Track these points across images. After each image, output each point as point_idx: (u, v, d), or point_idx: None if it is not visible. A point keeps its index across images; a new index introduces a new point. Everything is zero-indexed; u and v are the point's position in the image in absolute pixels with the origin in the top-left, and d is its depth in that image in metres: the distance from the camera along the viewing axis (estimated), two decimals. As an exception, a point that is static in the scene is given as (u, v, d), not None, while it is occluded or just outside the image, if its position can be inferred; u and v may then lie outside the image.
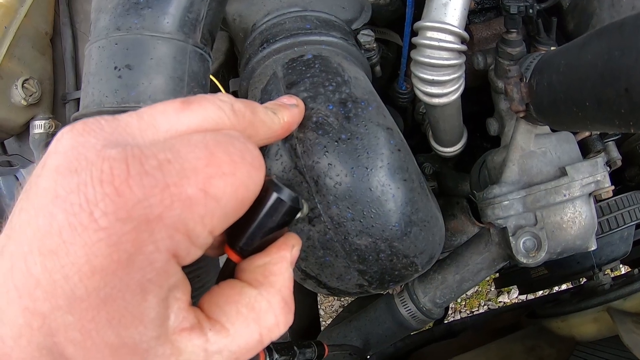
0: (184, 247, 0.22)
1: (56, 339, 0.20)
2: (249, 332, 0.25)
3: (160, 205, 0.21)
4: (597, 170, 0.57)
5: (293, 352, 0.52)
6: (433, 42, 0.50)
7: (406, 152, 0.46)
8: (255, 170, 0.25)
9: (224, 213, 0.23)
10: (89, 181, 0.20)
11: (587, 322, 0.73)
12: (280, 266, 0.27)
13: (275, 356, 0.49)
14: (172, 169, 0.21)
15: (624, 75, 0.35)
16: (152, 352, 0.22)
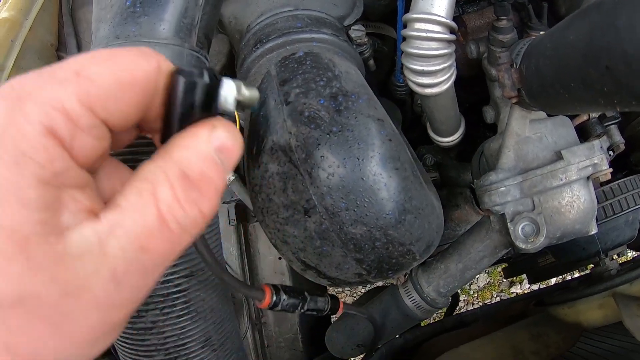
0: (63, 125, 0.21)
1: None
2: (143, 205, 0.23)
3: (31, 85, 0.21)
4: (594, 153, 0.57)
5: (303, 297, 0.51)
6: (421, 33, 0.51)
7: (398, 142, 0.47)
8: (141, 56, 0.24)
9: (103, 93, 0.22)
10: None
11: (593, 308, 0.73)
12: (188, 140, 0.25)
13: (283, 297, 0.49)
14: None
15: (604, 53, 0.35)
16: (34, 240, 0.20)
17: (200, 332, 0.53)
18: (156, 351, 0.51)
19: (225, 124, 0.26)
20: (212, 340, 0.55)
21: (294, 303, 0.50)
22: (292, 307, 0.50)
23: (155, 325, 0.50)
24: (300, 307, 0.51)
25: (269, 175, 0.47)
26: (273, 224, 0.48)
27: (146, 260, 0.22)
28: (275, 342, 0.96)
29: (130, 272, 0.22)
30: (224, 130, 0.25)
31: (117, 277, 0.22)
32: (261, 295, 0.47)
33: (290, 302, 0.50)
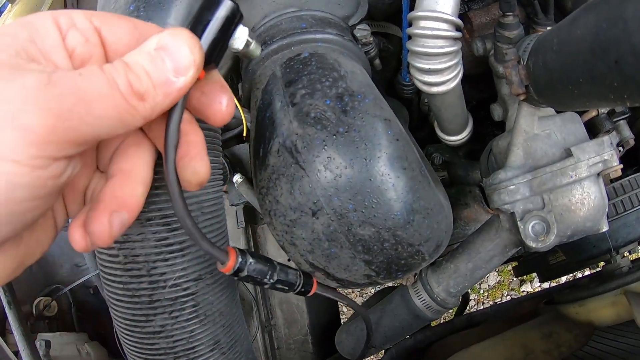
0: (64, 21, 0.29)
1: None
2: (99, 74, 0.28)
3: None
4: (603, 150, 0.56)
5: (272, 265, 0.46)
6: (427, 32, 0.51)
7: (405, 142, 0.47)
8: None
9: (103, 15, 0.31)
10: None
11: (605, 306, 0.72)
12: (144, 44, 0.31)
13: (250, 260, 0.43)
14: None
15: (612, 47, 0.35)
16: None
17: (209, 336, 0.53)
18: (165, 355, 0.51)
19: (176, 31, 0.30)
20: (221, 343, 0.55)
21: (261, 270, 0.44)
22: (260, 274, 0.45)
23: (164, 329, 0.50)
24: (268, 277, 0.45)
25: (275, 177, 0.47)
26: (281, 226, 0.48)
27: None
28: (285, 344, 0.96)
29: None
30: (170, 33, 0.30)
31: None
32: (224, 257, 0.42)
33: (258, 268, 0.44)
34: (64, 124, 0.25)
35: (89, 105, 0.26)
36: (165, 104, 0.29)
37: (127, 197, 0.32)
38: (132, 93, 0.28)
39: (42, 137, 0.25)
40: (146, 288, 0.49)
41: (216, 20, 0.32)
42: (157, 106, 0.29)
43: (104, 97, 0.26)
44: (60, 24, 0.29)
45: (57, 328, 0.98)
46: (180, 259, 0.49)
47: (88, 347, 0.92)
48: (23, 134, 0.24)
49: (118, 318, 0.52)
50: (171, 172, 0.32)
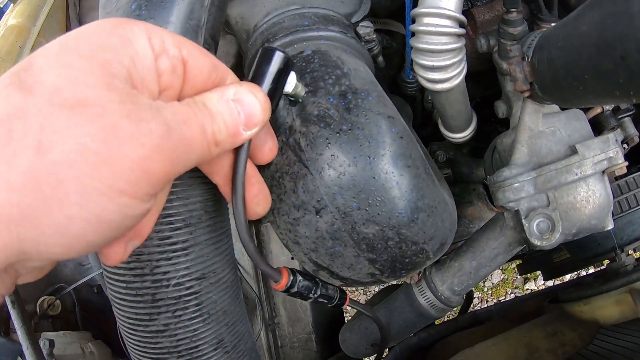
0: (158, 42, 0.30)
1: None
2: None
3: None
4: (608, 147, 0.56)
5: (316, 281, 0.53)
6: (430, 28, 0.51)
7: (409, 140, 0.46)
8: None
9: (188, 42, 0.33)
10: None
11: (609, 304, 0.71)
12: (223, 88, 0.34)
13: (299, 277, 0.50)
14: None
15: (618, 42, 0.34)
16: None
17: (213, 335, 0.53)
18: (169, 354, 0.51)
19: (252, 88, 0.34)
20: (225, 342, 0.54)
21: (308, 286, 0.51)
22: (307, 290, 0.51)
23: (167, 328, 0.50)
24: (313, 292, 0.51)
25: (279, 175, 0.47)
26: (284, 225, 0.48)
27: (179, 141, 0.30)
28: (289, 343, 0.96)
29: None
30: (247, 89, 0.34)
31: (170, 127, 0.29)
32: (278, 276, 0.48)
33: (305, 285, 0.50)
34: (174, 169, 0.29)
35: (190, 152, 0.30)
36: (226, 148, 0.34)
37: (143, 227, 0.36)
38: (213, 141, 0.31)
39: (159, 180, 0.28)
40: (149, 287, 0.49)
41: (273, 71, 0.36)
42: (222, 150, 0.33)
43: (197, 144, 0.30)
44: (154, 46, 0.30)
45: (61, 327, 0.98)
46: (184, 258, 0.49)
47: (92, 346, 0.92)
48: (148, 176, 0.27)
49: (121, 317, 0.52)
50: (240, 207, 0.39)
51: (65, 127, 0.25)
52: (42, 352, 0.77)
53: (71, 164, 0.25)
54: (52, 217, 0.25)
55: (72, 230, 0.26)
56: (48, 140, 0.25)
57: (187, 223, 0.49)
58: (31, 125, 0.25)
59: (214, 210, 0.52)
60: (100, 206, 0.26)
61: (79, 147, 0.25)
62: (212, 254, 0.52)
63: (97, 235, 0.28)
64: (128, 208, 0.27)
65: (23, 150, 0.24)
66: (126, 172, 0.26)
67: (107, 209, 0.27)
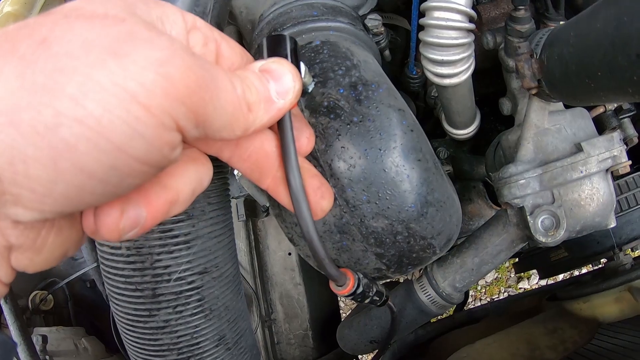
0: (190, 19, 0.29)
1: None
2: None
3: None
4: (613, 146, 0.56)
5: (371, 278, 0.48)
6: (441, 22, 0.50)
7: (419, 133, 0.46)
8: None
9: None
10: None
11: (609, 302, 0.72)
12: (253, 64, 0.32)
13: (360, 275, 0.45)
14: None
15: (634, 40, 0.34)
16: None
17: (214, 331, 0.52)
18: (169, 351, 0.50)
19: (276, 59, 0.31)
20: (226, 338, 0.54)
21: (367, 283, 0.46)
22: (367, 288, 0.46)
23: (168, 324, 0.49)
24: (371, 290, 0.47)
25: (286, 167, 0.46)
26: (290, 218, 0.47)
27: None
28: (286, 339, 0.96)
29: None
30: (272, 60, 0.31)
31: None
32: (344, 279, 0.42)
33: (366, 282, 0.45)
34: (198, 95, 0.24)
35: (218, 90, 0.25)
36: (263, 121, 0.29)
37: (153, 197, 0.28)
38: (244, 100, 0.28)
39: (179, 95, 0.23)
40: (149, 282, 0.48)
41: (288, 53, 0.33)
42: (257, 121, 0.29)
43: (227, 91, 0.26)
44: (187, 20, 0.28)
45: (54, 322, 0.96)
46: (186, 252, 0.48)
47: (85, 341, 0.90)
48: (164, 82, 0.22)
49: (119, 313, 0.51)
50: (302, 201, 0.32)
51: (77, 29, 0.22)
52: (35, 348, 0.75)
53: (75, 55, 0.21)
54: (37, 113, 0.20)
55: (60, 133, 0.20)
56: (54, 37, 0.21)
57: (190, 215, 0.48)
58: (40, 28, 0.21)
59: (217, 203, 0.51)
60: (101, 105, 0.20)
61: (86, 43, 0.21)
62: (214, 247, 0.51)
63: (94, 154, 0.21)
64: (139, 122, 0.22)
65: (24, 43, 0.21)
66: (139, 70, 0.21)
67: (111, 112, 0.21)
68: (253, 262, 0.95)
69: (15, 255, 0.25)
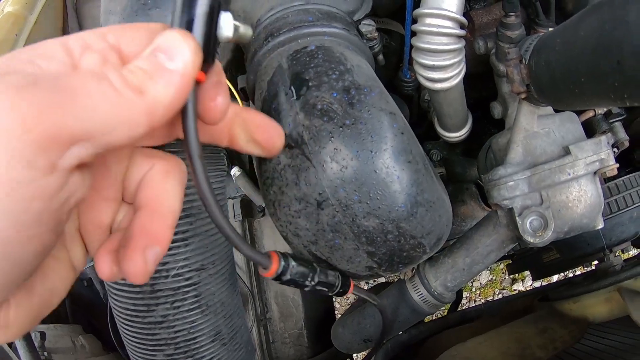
0: (77, 44, 0.28)
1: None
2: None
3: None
4: (600, 149, 0.58)
5: (313, 267, 0.46)
6: (432, 29, 0.52)
7: (410, 135, 0.47)
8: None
9: (117, 29, 0.30)
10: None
11: (599, 302, 0.73)
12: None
13: (292, 263, 0.43)
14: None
15: (615, 48, 0.36)
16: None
17: (211, 326, 0.53)
18: (166, 345, 0.52)
19: (167, 31, 0.29)
20: (222, 334, 0.55)
21: (303, 272, 0.44)
22: (302, 277, 0.44)
23: (165, 319, 0.51)
24: (310, 279, 0.45)
25: (281, 167, 0.47)
26: (285, 217, 0.49)
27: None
28: (281, 338, 0.97)
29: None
30: (160, 37, 0.28)
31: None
32: (268, 262, 0.41)
33: (300, 271, 0.44)
34: (44, 118, 0.22)
35: (75, 99, 0.23)
36: (169, 96, 0.27)
37: (158, 231, 0.30)
38: (126, 86, 0.25)
39: (17, 136, 0.21)
40: (148, 277, 0.50)
41: (198, 17, 0.30)
42: (160, 99, 0.26)
43: (93, 92, 0.24)
44: (71, 48, 0.27)
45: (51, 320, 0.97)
46: (184, 249, 0.50)
47: (82, 339, 0.91)
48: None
49: (118, 308, 0.52)
50: (202, 179, 0.30)
51: None
52: (33, 344, 0.76)
53: None
54: None
55: None
56: None
57: (188, 213, 0.50)
58: None
59: (214, 202, 0.52)
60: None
61: None
62: (211, 245, 0.52)
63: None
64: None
65: None
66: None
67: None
68: (249, 261, 0.96)
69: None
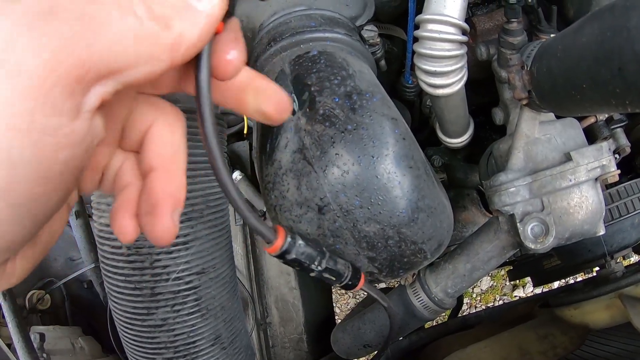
0: None
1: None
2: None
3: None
4: (602, 155, 0.57)
5: (322, 251, 0.43)
6: (434, 35, 0.52)
7: (411, 141, 0.48)
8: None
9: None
10: None
11: (599, 309, 0.73)
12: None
13: (299, 242, 0.40)
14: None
15: (616, 55, 0.36)
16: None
17: (211, 330, 0.53)
18: (165, 349, 0.52)
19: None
20: (222, 338, 0.55)
21: (310, 254, 0.41)
22: (308, 259, 0.41)
23: (165, 322, 0.51)
24: (317, 263, 0.41)
25: (282, 172, 0.47)
26: (286, 222, 0.49)
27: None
28: (280, 343, 0.96)
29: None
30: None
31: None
32: (272, 236, 0.37)
33: (307, 252, 0.40)
34: (67, 56, 0.19)
35: (97, 31, 0.20)
36: (194, 35, 0.24)
37: (177, 191, 0.29)
38: (152, 17, 0.22)
39: (41, 81, 0.19)
40: (149, 280, 0.50)
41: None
42: (186, 37, 0.24)
43: (117, 22, 0.21)
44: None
45: (50, 321, 0.97)
46: (184, 252, 0.50)
47: (82, 341, 0.91)
48: (16, 81, 0.18)
49: (118, 311, 0.52)
50: (212, 139, 0.27)
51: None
52: (32, 346, 0.76)
53: None
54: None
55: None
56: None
57: (189, 217, 0.50)
58: None
59: (215, 205, 0.52)
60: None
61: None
62: (212, 249, 0.52)
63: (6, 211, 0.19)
64: (13, 148, 0.19)
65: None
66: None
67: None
68: (249, 265, 0.96)
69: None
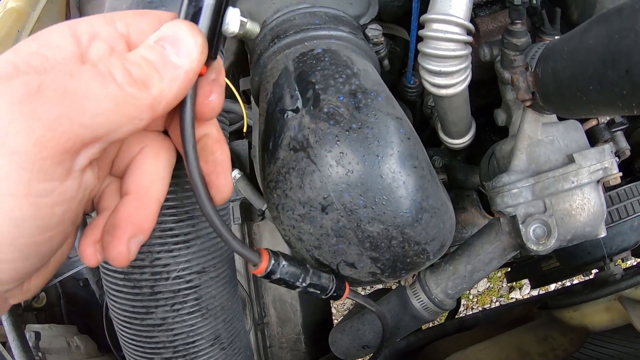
0: (85, 31, 0.28)
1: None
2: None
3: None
4: (604, 157, 0.57)
5: (305, 268, 0.45)
6: (439, 34, 0.52)
7: (416, 141, 0.47)
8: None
9: (124, 15, 0.30)
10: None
11: (599, 311, 0.73)
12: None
13: (283, 262, 0.42)
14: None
15: (624, 57, 0.36)
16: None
17: (210, 330, 0.52)
18: (164, 349, 0.51)
19: (174, 22, 0.29)
20: (222, 338, 0.54)
21: (294, 272, 0.43)
22: (292, 278, 0.43)
23: (164, 322, 0.50)
24: (301, 280, 0.44)
25: (285, 171, 0.47)
26: (288, 221, 0.48)
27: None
28: (278, 343, 0.96)
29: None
30: (167, 26, 0.29)
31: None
32: (257, 259, 0.41)
33: (291, 271, 0.43)
34: (54, 133, 0.23)
35: (80, 105, 0.23)
36: (172, 92, 0.27)
37: (143, 220, 0.32)
38: (131, 81, 0.25)
39: (33, 156, 0.22)
40: (148, 279, 0.49)
41: (205, 9, 0.29)
42: (165, 94, 0.27)
43: (97, 93, 0.24)
44: (78, 35, 0.27)
45: (46, 320, 0.96)
46: (185, 251, 0.49)
47: (77, 340, 0.90)
48: (12, 159, 0.22)
49: (116, 310, 0.52)
50: (195, 175, 0.31)
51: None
52: (28, 344, 0.75)
53: None
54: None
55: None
56: None
57: (191, 215, 0.49)
58: None
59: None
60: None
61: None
62: (212, 248, 0.52)
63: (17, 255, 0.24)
64: (15, 211, 0.23)
65: None
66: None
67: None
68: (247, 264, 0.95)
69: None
